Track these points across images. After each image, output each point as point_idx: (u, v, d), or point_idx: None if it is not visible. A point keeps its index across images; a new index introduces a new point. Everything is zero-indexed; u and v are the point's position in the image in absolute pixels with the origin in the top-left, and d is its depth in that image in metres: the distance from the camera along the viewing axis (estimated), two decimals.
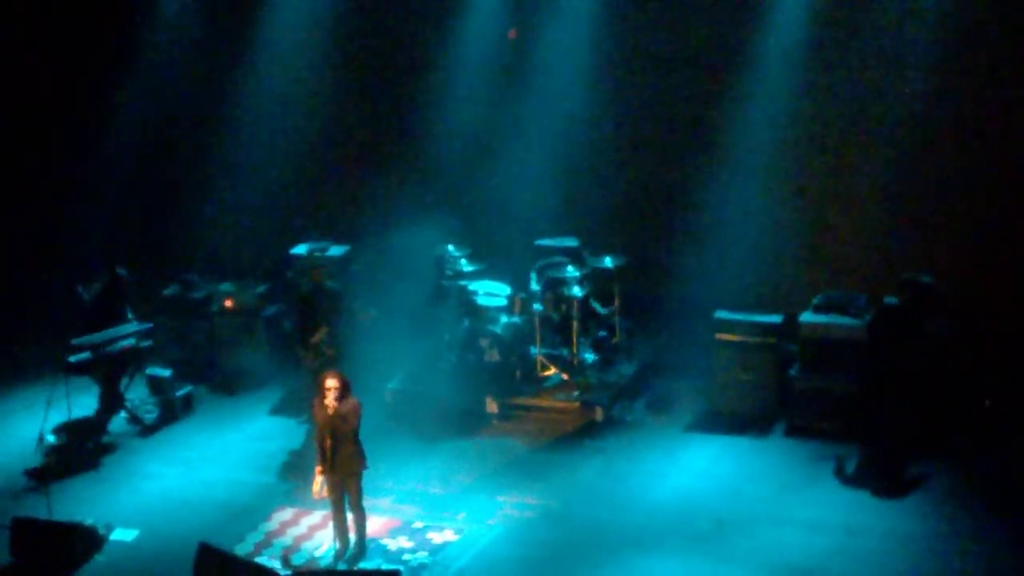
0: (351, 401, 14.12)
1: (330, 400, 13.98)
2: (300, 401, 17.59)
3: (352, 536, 14.50)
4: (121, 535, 15.06)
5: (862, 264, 18.88)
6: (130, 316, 18.09)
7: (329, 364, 16.75)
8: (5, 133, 21.47)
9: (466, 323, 18.32)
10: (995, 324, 17.58)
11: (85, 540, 14.70)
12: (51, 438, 17.07)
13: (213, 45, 21.48)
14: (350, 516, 14.45)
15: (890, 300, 15.93)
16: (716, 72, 19.28)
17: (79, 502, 15.73)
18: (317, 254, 19.67)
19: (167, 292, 19.87)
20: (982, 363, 16.98)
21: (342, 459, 14.14)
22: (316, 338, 17.08)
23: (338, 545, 14.46)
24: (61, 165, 21.70)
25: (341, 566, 14.28)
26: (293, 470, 16.49)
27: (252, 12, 21.11)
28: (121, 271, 18.15)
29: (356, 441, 14.20)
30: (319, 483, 14.25)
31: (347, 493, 14.31)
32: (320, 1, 20.86)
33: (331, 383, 14.03)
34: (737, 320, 17.50)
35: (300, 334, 17.45)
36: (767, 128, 19.02)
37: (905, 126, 18.52)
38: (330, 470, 14.19)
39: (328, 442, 14.08)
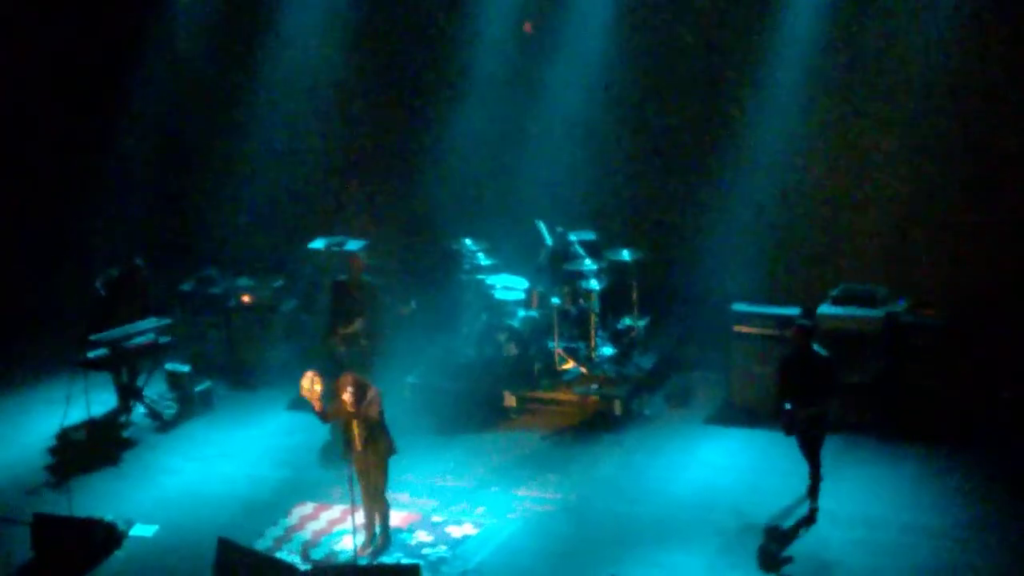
0: (370, 393, 14.14)
1: (347, 402, 14.00)
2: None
3: (377, 527, 14.53)
4: (141, 531, 15.10)
5: (881, 255, 18.82)
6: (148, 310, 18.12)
7: (364, 355, 16.82)
8: (22, 133, 21.48)
9: (484, 317, 18.32)
10: (1014, 315, 17.55)
11: (105, 536, 14.74)
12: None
13: (230, 42, 21.48)
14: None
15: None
16: (732, 67, 19.23)
17: (99, 498, 15.78)
18: (335, 249, 19.68)
19: (184, 287, 19.87)
20: (1002, 354, 16.94)
21: (373, 446, 14.18)
22: (351, 329, 17.12)
23: (366, 537, 14.46)
24: (78, 163, 21.69)
25: (362, 560, 14.28)
26: (313, 465, 16.55)
27: (267, 9, 21.11)
28: (139, 261, 18.18)
29: (384, 429, 14.29)
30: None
31: (374, 481, 14.34)
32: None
33: (345, 386, 14.11)
34: (755, 312, 17.46)
35: (331, 324, 17.47)
36: (784, 122, 18.96)
37: (922, 119, 18.45)
38: (360, 462, 14.23)
39: (355, 431, 14.11)
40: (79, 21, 21.35)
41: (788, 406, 14.63)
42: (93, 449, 17.12)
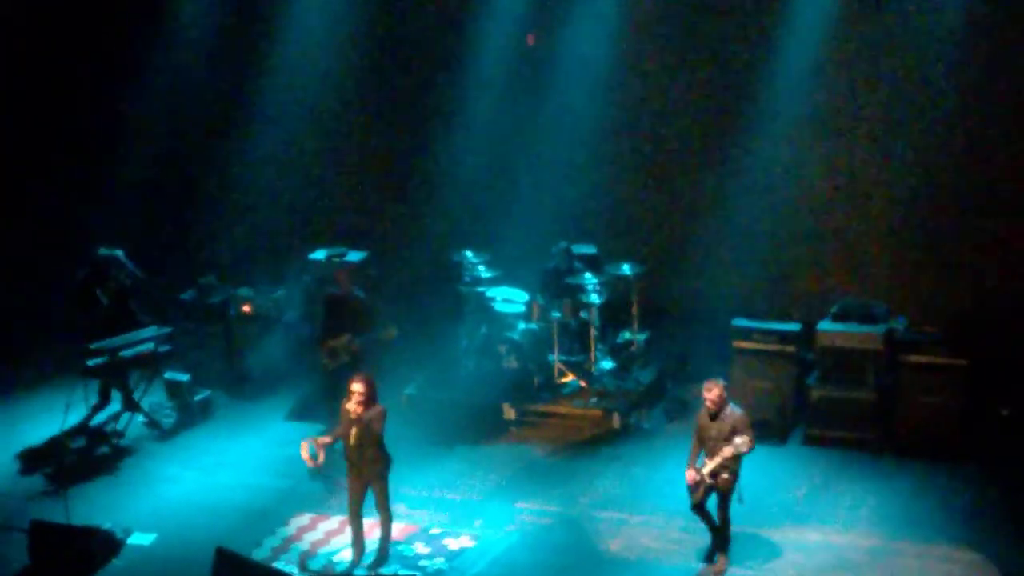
0: (376, 408, 14.12)
1: (354, 405, 13.98)
2: (316, 405, 17.64)
3: (368, 542, 14.49)
4: (139, 539, 15.07)
5: (882, 272, 18.86)
6: (140, 317, 18.08)
7: (347, 369, 16.75)
8: (21, 140, 21.50)
9: (484, 329, 18.32)
10: (1014, 333, 17.56)
11: (103, 544, 14.64)
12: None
13: (231, 50, 21.50)
14: (368, 521, 14.45)
15: None
16: (734, 82, 19.29)
17: (97, 506, 15.75)
18: (335, 259, 19.67)
19: (184, 297, 19.86)
20: (1001, 372, 16.95)
21: (366, 463, 14.14)
22: (337, 342, 17.08)
23: (355, 551, 14.46)
24: (78, 171, 21.71)
25: (359, 572, 14.28)
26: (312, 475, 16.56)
27: (270, 16, 21.15)
28: (101, 251, 18.11)
29: (381, 446, 14.21)
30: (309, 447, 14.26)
31: (374, 496, 14.32)
32: (338, 8, 20.91)
33: (357, 387, 14.01)
34: (755, 328, 17.45)
35: (321, 336, 17.45)
36: (787, 136, 19.04)
37: (924, 134, 18.51)
38: (356, 475, 14.20)
39: (353, 444, 14.08)
40: (81, 29, 21.37)
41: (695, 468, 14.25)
42: (91, 457, 17.10)
